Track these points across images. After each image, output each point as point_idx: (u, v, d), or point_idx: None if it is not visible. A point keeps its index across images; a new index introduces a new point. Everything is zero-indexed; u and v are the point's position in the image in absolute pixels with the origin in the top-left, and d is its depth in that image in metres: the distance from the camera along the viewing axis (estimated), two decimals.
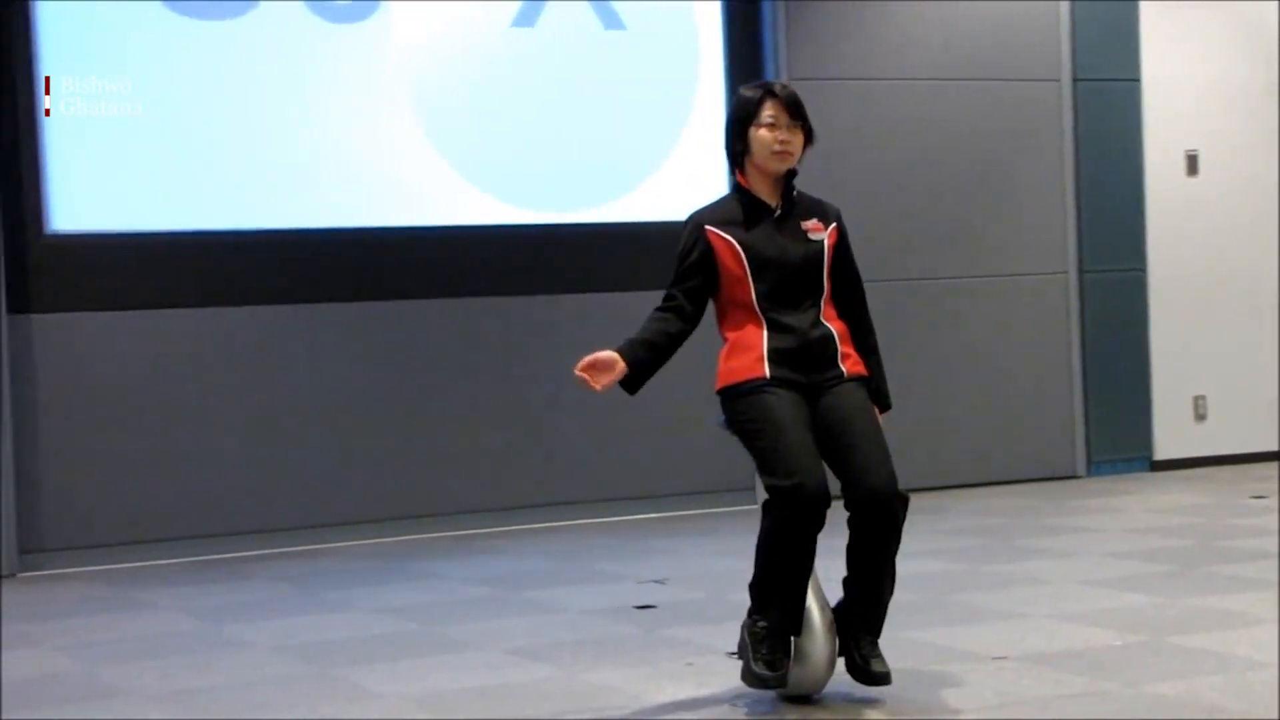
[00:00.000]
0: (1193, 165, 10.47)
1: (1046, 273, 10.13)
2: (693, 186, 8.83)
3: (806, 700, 5.02)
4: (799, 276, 4.97)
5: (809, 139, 5.04)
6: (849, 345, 5.03)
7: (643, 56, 9.37)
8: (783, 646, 4.88)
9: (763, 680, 4.86)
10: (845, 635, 4.97)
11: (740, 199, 5.07)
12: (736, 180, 5.13)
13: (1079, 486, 9.91)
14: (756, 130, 4.99)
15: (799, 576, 4.85)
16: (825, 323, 4.99)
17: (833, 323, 5.01)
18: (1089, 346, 10.21)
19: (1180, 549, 7.59)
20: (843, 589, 4.99)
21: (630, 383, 4.96)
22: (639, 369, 4.95)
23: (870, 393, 5.03)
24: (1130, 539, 7.94)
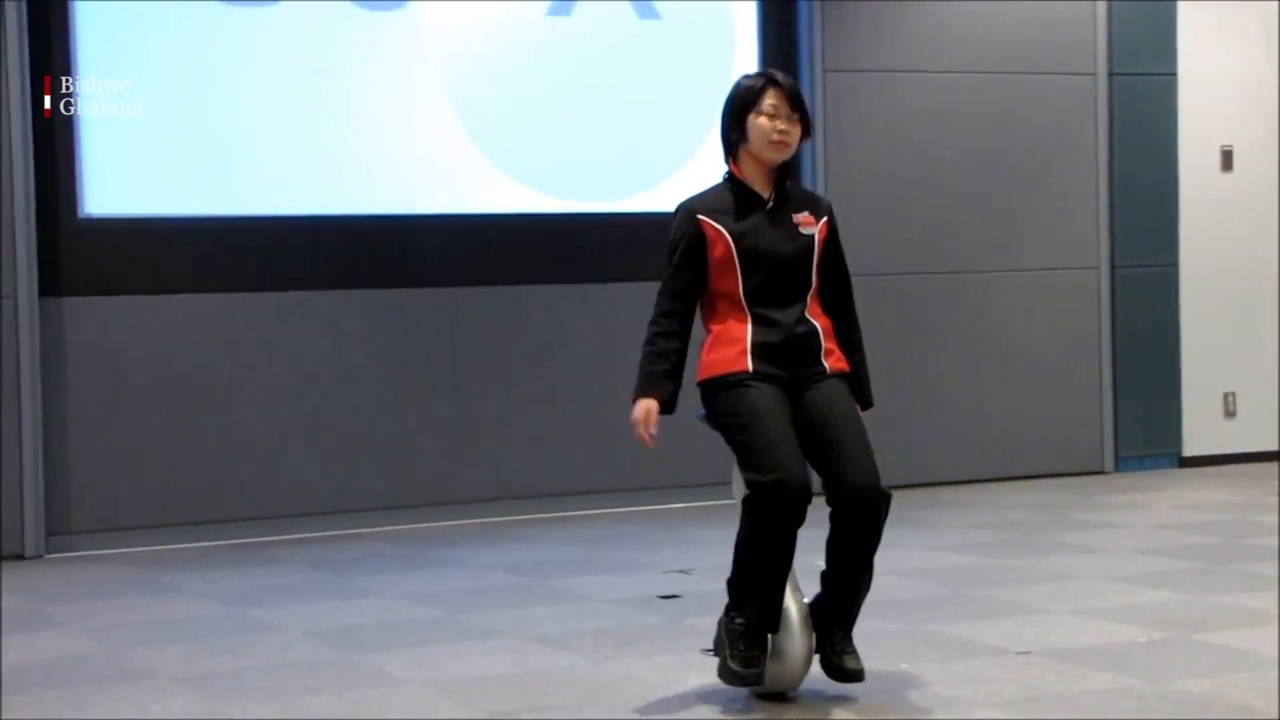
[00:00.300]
0: (1227, 161, 10.41)
1: (1079, 267, 10.09)
2: None
3: (781, 698, 5.00)
4: (788, 271, 4.92)
5: (806, 132, 5.00)
6: (832, 341, 4.99)
7: (677, 47, 9.35)
8: (760, 644, 4.84)
9: (740, 678, 4.82)
10: (820, 631, 4.93)
11: (732, 188, 5.01)
12: (729, 169, 5.05)
13: (1107, 482, 9.88)
14: (756, 118, 4.92)
15: (778, 573, 4.81)
16: (810, 318, 4.94)
17: (817, 318, 4.96)
18: (1120, 341, 10.17)
19: (1208, 546, 7.57)
20: (820, 584, 4.94)
21: (667, 409, 5.01)
22: (674, 398, 5.00)
23: (852, 389, 4.98)
24: (1158, 535, 7.92)
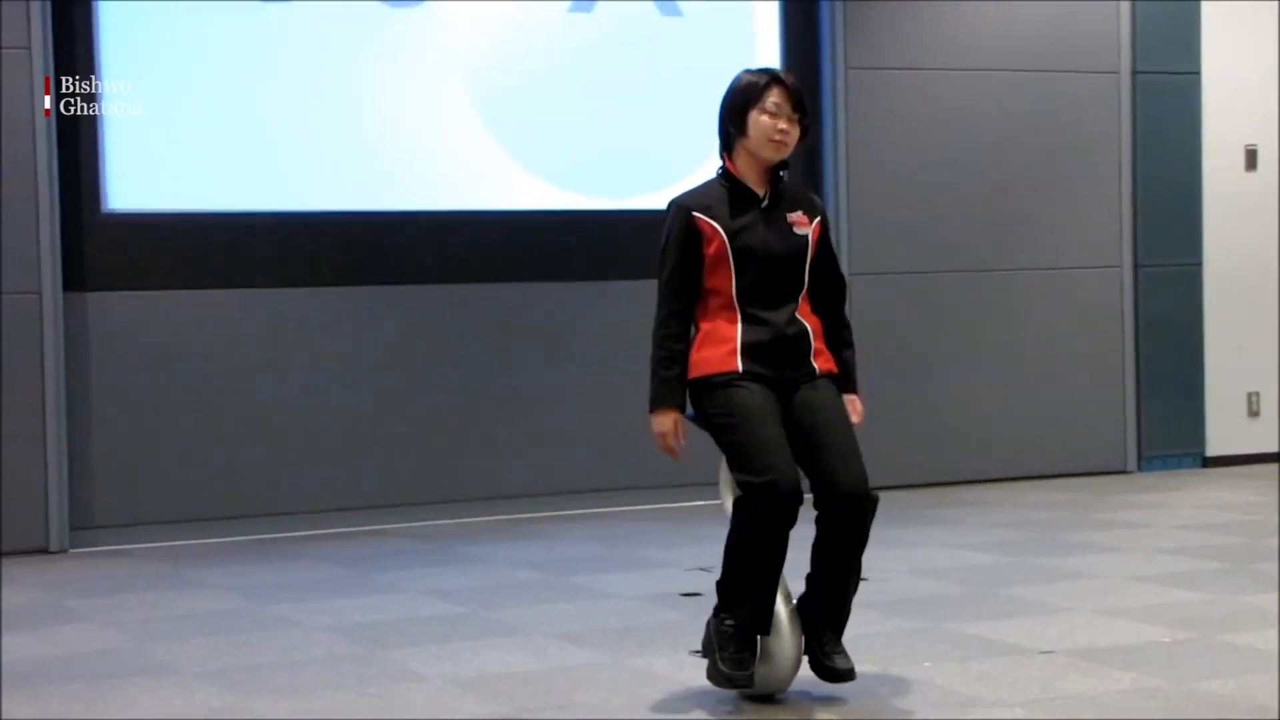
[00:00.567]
0: (1251, 160, 10.38)
1: (1102, 266, 10.07)
2: None
3: (770, 699, 4.98)
4: (781, 270, 4.88)
5: (804, 134, 4.96)
6: (822, 342, 4.96)
7: (699, 44, 9.34)
8: (750, 646, 4.82)
9: (730, 680, 4.80)
10: (808, 632, 4.90)
11: (727, 185, 4.96)
12: (724, 164, 5.01)
13: (1130, 481, 9.85)
14: (758, 115, 4.89)
15: (769, 575, 4.79)
16: (800, 319, 4.91)
17: (808, 319, 4.93)
18: (1143, 341, 10.15)
19: (1231, 546, 7.55)
20: (806, 585, 4.92)
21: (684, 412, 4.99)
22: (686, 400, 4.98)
23: (838, 382, 4.96)
24: (1180, 535, 7.90)
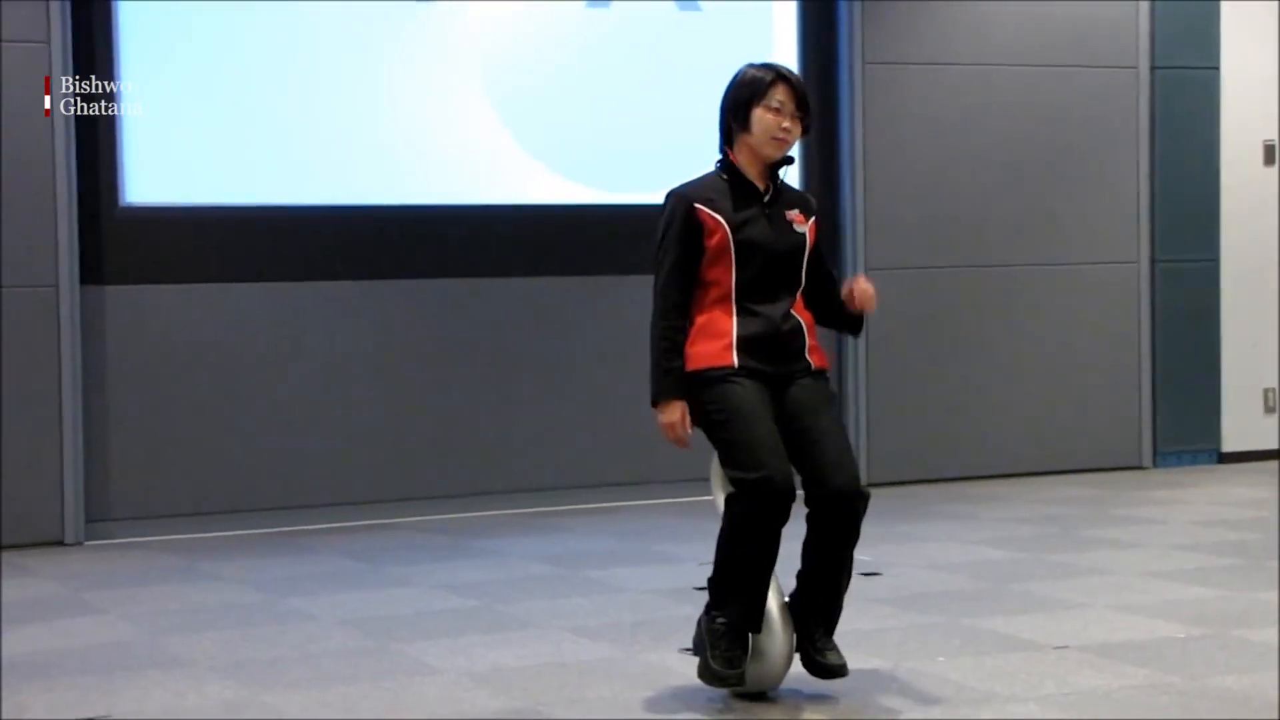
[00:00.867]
0: (1270, 155, 10.35)
1: (1119, 261, 10.05)
2: None
3: (761, 697, 4.97)
4: (781, 266, 4.88)
5: (805, 132, 4.93)
6: (815, 339, 4.95)
7: (717, 39, 9.32)
8: (741, 644, 4.79)
9: (721, 678, 4.77)
10: (800, 629, 4.89)
11: (729, 179, 4.93)
12: (726, 157, 4.97)
13: (1146, 477, 9.83)
14: (764, 112, 4.84)
15: (762, 572, 4.76)
16: (795, 315, 4.90)
17: (802, 315, 4.92)
18: (1159, 336, 10.12)
19: (1246, 542, 7.53)
20: (796, 582, 4.90)
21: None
22: None
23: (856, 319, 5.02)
24: (1196, 531, 7.88)
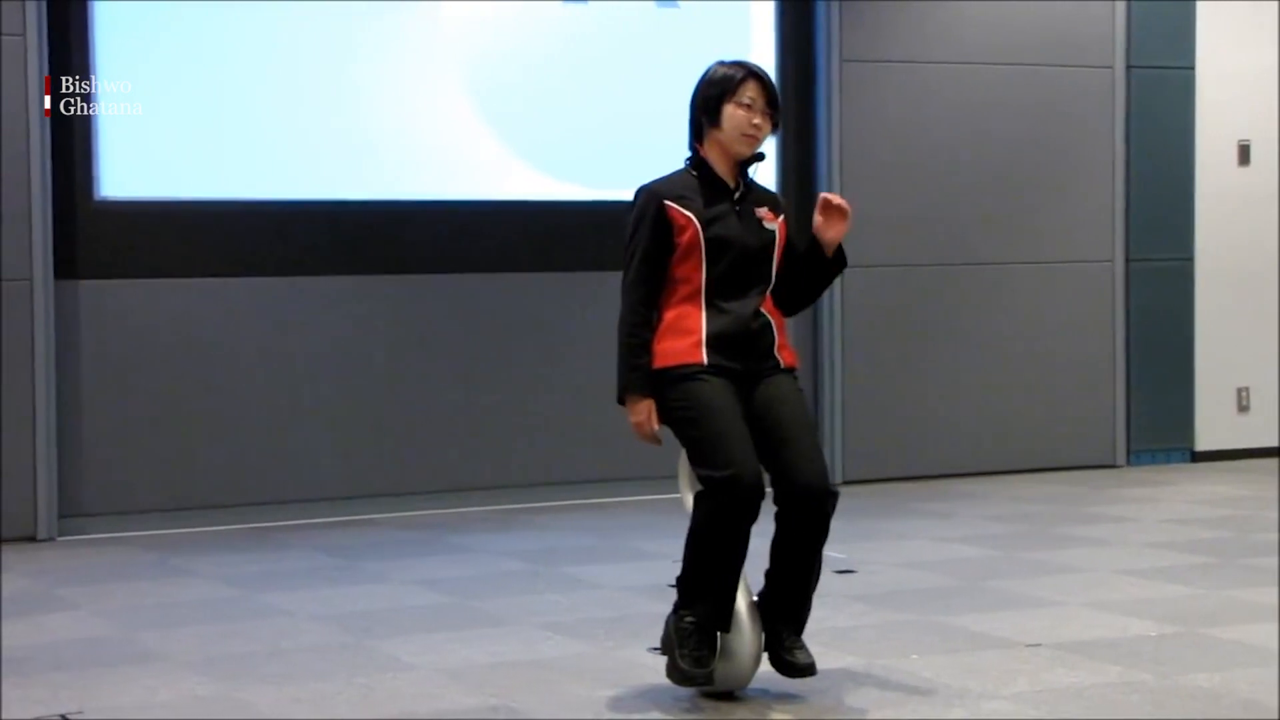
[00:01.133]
0: (1245, 155, 10.38)
1: (1093, 260, 10.07)
2: None
3: (729, 696, 4.96)
4: (752, 263, 4.86)
5: (774, 129, 4.92)
6: (785, 336, 4.94)
7: (695, 36, 9.31)
8: (710, 643, 4.78)
9: (690, 678, 4.76)
10: (768, 628, 4.88)
11: (699, 175, 4.91)
12: (696, 154, 4.95)
13: (1119, 476, 9.86)
14: (735, 109, 4.83)
15: (730, 571, 4.75)
16: (765, 312, 4.88)
17: (771, 313, 4.91)
18: (1133, 335, 10.14)
19: (1219, 541, 7.56)
20: (765, 581, 4.89)
21: None
22: None
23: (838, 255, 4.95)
24: (1169, 530, 7.91)
